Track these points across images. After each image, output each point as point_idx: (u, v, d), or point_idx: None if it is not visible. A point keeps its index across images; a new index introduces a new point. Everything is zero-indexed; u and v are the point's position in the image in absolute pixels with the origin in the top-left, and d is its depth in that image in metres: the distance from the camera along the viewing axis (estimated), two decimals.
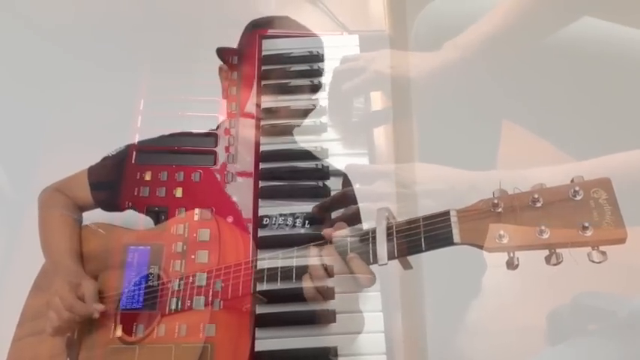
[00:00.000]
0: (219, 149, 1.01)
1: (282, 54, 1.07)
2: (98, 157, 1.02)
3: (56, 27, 1.23)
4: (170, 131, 1.04)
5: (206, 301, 0.88)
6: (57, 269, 0.97)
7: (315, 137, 1.00)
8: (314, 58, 1.06)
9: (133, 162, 1.01)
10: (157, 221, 0.97)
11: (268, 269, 0.86)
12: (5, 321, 0.98)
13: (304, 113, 1.02)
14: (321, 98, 1.03)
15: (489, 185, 0.77)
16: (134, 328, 0.90)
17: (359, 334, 0.85)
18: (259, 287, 0.86)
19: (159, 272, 0.92)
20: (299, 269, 0.84)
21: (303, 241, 0.86)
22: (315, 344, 0.85)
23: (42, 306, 0.94)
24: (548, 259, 0.71)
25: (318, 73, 1.05)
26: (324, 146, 0.99)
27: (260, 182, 0.96)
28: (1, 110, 1.15)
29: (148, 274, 0.92)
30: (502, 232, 0.72)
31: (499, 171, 0.91)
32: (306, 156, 0.98)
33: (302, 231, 0.91)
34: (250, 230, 0.93)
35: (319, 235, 0.86)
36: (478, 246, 0.74)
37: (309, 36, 1.10)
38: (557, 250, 0.71)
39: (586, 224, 0.70)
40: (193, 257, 0.91)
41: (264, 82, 1.05)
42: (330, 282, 0.84)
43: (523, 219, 0.73)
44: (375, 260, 0.79)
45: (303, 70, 1.06)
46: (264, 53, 1.07)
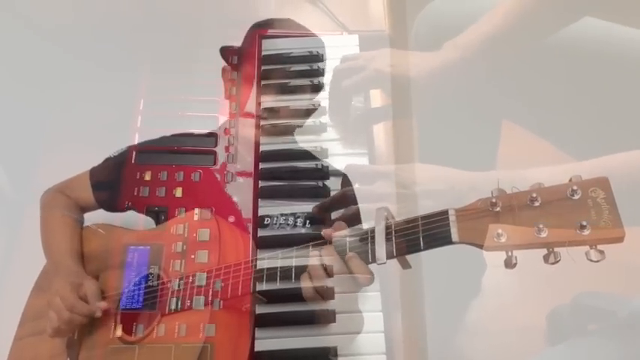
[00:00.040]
0: (219, 149, 1.01)
1: (282, 54, 1.07)
2: (98, 157, 1.02)
3: (56, 27, 1.24)
4: (170, 131, 1.04)
5: (206, 301, 0.88)
6: (58, 270, 0.97)
7: (315, 137, 1.00)
8: (314, 58, 1.06)
9: (133, 162, 1.01)
10: (157, 221, 0.97)
11: (268, 269, 0.86)
12: (5, 321, 0.98)
13: (305, 113, 1.02)
14: (322, 98, 1.03)
15: (489, 185, 0.77)
16: (134, 328, 0.90)
17: (359, 334, 0.85)
18: (259, 287, 0.86)
19: (159, 272, 0.92)
20: (298, 269, 0.84)
21: (302, 241, 0.86)
22: (314, 344, 0.85)
23: (43, 306, 0.94)
24: (546, 258, 0.72)
25: (318, 73, 1.04)
26: (324, 146, 0.98)
27: (260, 182, 0.96)
28: (1, 110, 1.15)
29: (148, 274, 0.92)
30: (500, 231, 0.72)
31: (499, 171, 0.91)
32: (305, 156, 0.98)
33: (303, 231, 0.91)
34: (250, 230, 0.93)
35: (319, 235, 0.86)
36: (476, 245, 0.74)
37: (308, 36, 1.10)
38: (555, 249, 0.71)
39: (584, 223, 0.70)
40: (193, 257, 0.91)
41: (264, 82, 1.05)
42: (330, 282, 0.84)
43: (521, 218, 0.73)
44: (374, 259, 0.79)
45: (303, 70, 1.06)
46: (264, 53, 1.07)
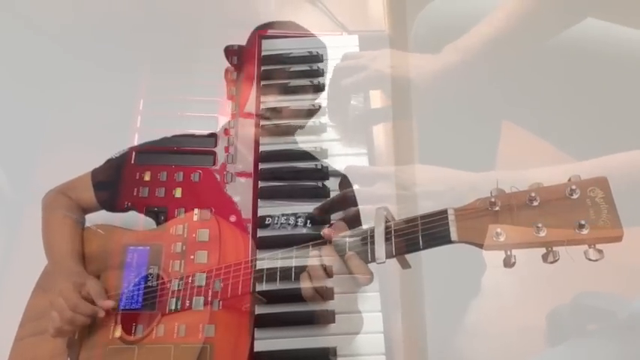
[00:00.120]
0: (218, 149, 1.01)
1: (281, 54, 1.07)
2: (98, 158, 1.02)
3: (56, 27, 1.24)
4: (170, 132, 1.04)
5: (205, 302, 0.87)
6: (59, 270, 0.98)
7: (314, 137, 1.00)
8: (314, 59, 1.06)
9: (133, 162, 1.01)
10: (157, 221, 0.97)
11: (267, 269, 0.86)
12: (5, 321, 0.98)
13: (306, 114, 1.02)
14: (322, 99, 1.03)
15: (489, 186, 0.77)
16: (133, 328, 0.90)
17: (358, 335, 0.85)
18: (259, 287, 0.86)
19: (158, 272, 0.92)
20: (298, 269, 0.84)
21: (302, 241, 0.86)
22: (314, 344, 0.85)
23: (44, 306, 0.94)
24: (545, 258, 0.72)
25: (317, 74, 1.04)
26: (324, 146, 0.98)
27: (259, 182, 0.96)
28: (1, 110, 1.15)
29: (148, 275, 0.92)
30: (499, 231, 0.72)
31: (498, 171, 0.91)
32: (305, 156, 0.98)
33: (304, 231, 0.91)
34: (250, 230, 0.93)
35: (319, 235, 0.86)
36: (475, 244, 0.74)
37: (308, 36, 1.10)
38: (553, 249, 0.71)
39: (582, 222, 0.70)
40: (192, 257, 0.91)
41: (263, 83, 1.05)
42: (329, 282, 0.84)
43: (520, 217, 0.73)
44: (374, 259, 0.79)
45: (302, 71, 1.05)
46: (263, 53, 1.07)
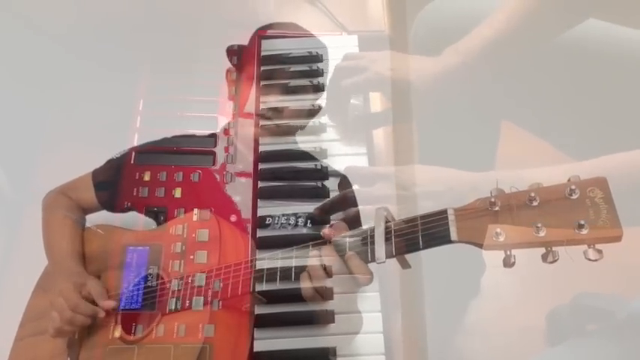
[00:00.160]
0: (218, 150, 1.01)
1: (281, 54, 1.07)
2: (97, 158, 1.02)
3: (56, 27, 1.24)
4: (170, 132, 1.04)
5: (205, 302, 0.87)
6: (60, 270, 0.98)
7: (314, 137, 1.00)
8: (313, 59, 1.06)
9: (132, 162, 1.01)
10: (157, 221, 0.97)
11: (267, 269, 0.86)
12: (5, 321, 0.98)
13: (306, 114, 1.02)
14: (322, 99, 1.03)
15: (489, 186, 0.77)
16: (133, 328, 0.90)
17: (358, 335, 0.85)
18: (259, 287, 0.86)
19: (158, 272, 0.92)
20: (298, 269, 0.84)
21: (302, 241, 0.86)
22: (313, 345, 0.85)
23: (44, 307, 0.94)
24: (544, 257, 0.72)
25: (317, 74, 1.04)
26: (324, 147, 0.98)
27: (259, 182, 0.96)
28: (1, 110, 1.15)
29: (147, 275, 0.92)
30: (499, 230, 0.72)
31: (499, 171, 0.91)
32: (305, 156, 0.98)
33: (304, 231, 0.91)
34: (249, 230, 0.93)
35: (319, 235, 0.86)
36: (475, 244, 0.74)
37: (307, 36, 1.10)
38: (553, 249, 0.71)
39: (582, 222, 0.70)
40: (192, 257, 0.91)
41: (263, 83, 1.05)
42: (329, 282, 0.84)
43: (520, 217, 0.73)
44: (374, 259, 0.79)
45: (302, 71, 1.05)
46: (263, 54, 1.07)
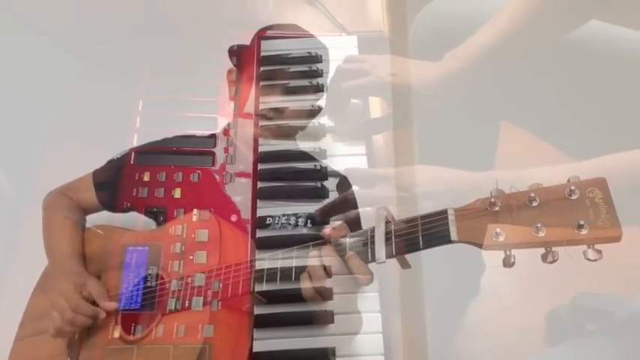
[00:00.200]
0: (218, 150, 1.01)
1: (280, 55, 1.07)
2: (97, 158, 1.02)
3: (56, 27, 1.24)
4: (170, 132, 1.04)
5: (204, 302, 0.87)
6: (60, 271, 0.98)
7: (314, 138, 1.00)
8: (313, 59, 1.06)
9: (132, 163, 1.01)
10: (157, 222, 0.97)
11: (268, 269, 0.86)
12: (5, 321, 0.98)
13: (307, 114, 1.02)
14: (322, 100, 1.03)
15: (489, 186, 0.77)
16: (133, 329, 0.89)
17: (357, 335, 0.85)
18: (259, 288, 0.86)
19: (158, 273, 0.92)
20: (298, 269, 0.84)
21: (302, 242, 0.86)
22: (313, 345, 0.85)
23: (44, 307, 0.94)
24: (544, 257, 0.72)
25: (317, 74, 1.04)
26: (323, 147, 0.98)
27: (259, 183, 0.96)
28: (1, 110, 1.15)
29: (147, 275, 0.92)
30: (499, 230, 0.73)
31: (499, 171, 0.91)
32: (304, 157, 0.98)
33: (304, 231, 0.90)
34: (249, 230, 0.93)
35: (319, 235, 0.86)
36: (475, 244, 0.74)
37: (307, 37, 1.10)
38: (553, 249, 0.71)
39: (582, 222, 0.70)
40: (192, 258, 0.91)
41: (262, 83, 1.05)
42: (329, 282, 0.84)
43: (520, 217, 0.73)
44: (374, 259, 0.79)
45: (301, 71, 1.05)
46: (262, 54, 1.07)
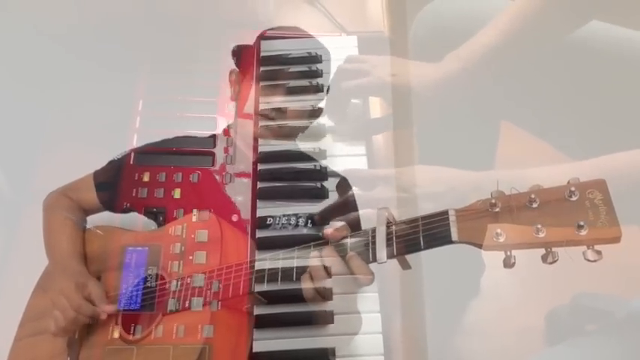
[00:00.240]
0: (217, 150, 1.01)
1: (280, 55, 1.07)
2: (96, 158, 1.02)
3: (56, 27, 1.24)
4: (170, 133, 1.04)
5: (204, 302, 0.87)
6: (61, 270, 0.98)
7: (313, 138, 1.00)
8: (312, 59, 1.06)
9: (132, 163, 1.01)
10: (156, 222, 0.97)
11: (268, 269, 0.86)
12: (5, 321, 0.98)
13: (308, 114, 1.02)
14: (322, 100, 1.03)
15: (491, 185, 0.77)
16: (133, 329, 0.89)
17: (357, 335, 0.85)
18: (260, 288, 0.86)
19: (158, 273, 0.92)
20: (299, 269, 0.84)
21: (303, 242, 0.86)
22: (313, 345, 0.85)
23: (44, 307, 0.94)
24: (544, 258, 0.72)
25: (316, 74, 1.04)
26: (323, 147, 0.98)
27: (258, 183, 0.96)
28: (1, 110, 1.15)
29: (147, 276, 0.92)
30: (499, 231, 0.73)
31: (500, 171, 0.91)
32: (304, 157, 0.98)
33: (304, 231, 0.90)
34: (249, 231, 0.93)
35: (319, 236, 0.86)
36: (476, 244, 0.74)
37: (307, 37, 1.10)
38: (553, 249, 0.71)
39: (581, 223, 0.70)
40: (191, 258, 0.91)
41: (262, 83, 1.05)
42: (330, 282, 0.84)
43: (520, 218, 0.73)
44: (375, 259, 0.79)
45: (301, 71, 1.05)
46: (262, 54, 1.07)
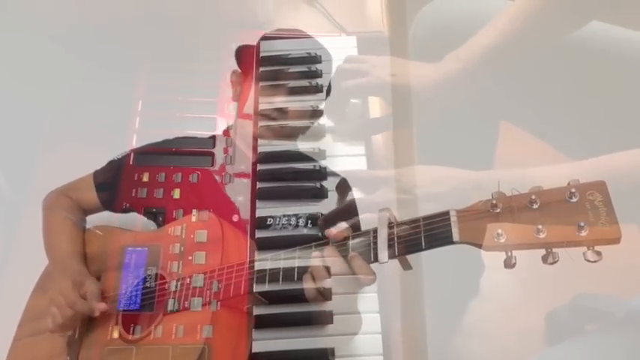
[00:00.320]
0: (217, 151, 1.01)
1: (280, 55, 1.07)
2: (96, 158, 1.02)
3: (56, 27, 1.24)
4: (170, 133, 1.04)
5: (203, 302, 0.87)
6: (61, 270, 0.98)
7: (313, 138, 1.00)
8: (312, 60, 1.06)
9: (131, 163, 1.01)
10: (156, 222, 0.97)
11: (270, 270, 0.86)
12: (4, 321, 0.98)
13: (309, 115, 1.02)
14: (321, 100, 1.03)
15: (492, 185, 0.77)
16: (133, 329, 0.89)
17: (356, 335, 0.85)
18: (261, 288, 0.85)
19: (157, 273, 0.92)
20: (301, 270, 0.84)
21: (303, 242, 0.86)
22: (312, 345, 0.85)
23: (44, 307, 0.95)
24: (544, 259, 0.72)
25: (316, 75, 1.04)
26: (322, 147, 0.98)
27: (258, 183, 0.96)
28: (1, 110, 1.15)
29: (147, 276, 0.92)
30: (500, 232, 0.73)
31: (501, 171, 0.91)
32: (303, 157, 0.98)
33: (305, 231, 0.90)
34: (248, 231, 0.93)
35: (319, 236, 0.86)
36: (477, 245, 0.74)
37: (306, 37, 1.10)
38: (553, 250, 0.72)
39: (582, 224, 0.70)
40: (191, 258, 0.91)
41: (262, 84, 1.05)
42: (329, 282, 0.84)
43: (521, 219, 0.73)
44: (376, 259, 0.79)
45: (301, 72, 1.05)
46: (262, 54, 1.07)
